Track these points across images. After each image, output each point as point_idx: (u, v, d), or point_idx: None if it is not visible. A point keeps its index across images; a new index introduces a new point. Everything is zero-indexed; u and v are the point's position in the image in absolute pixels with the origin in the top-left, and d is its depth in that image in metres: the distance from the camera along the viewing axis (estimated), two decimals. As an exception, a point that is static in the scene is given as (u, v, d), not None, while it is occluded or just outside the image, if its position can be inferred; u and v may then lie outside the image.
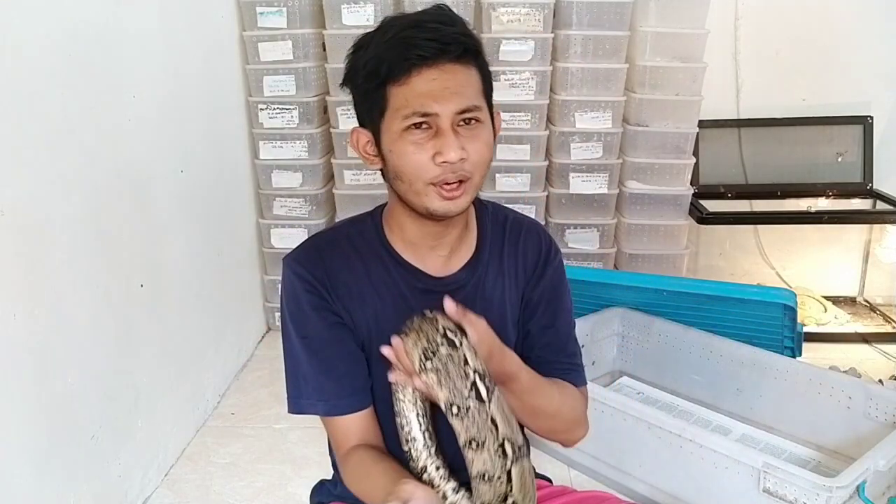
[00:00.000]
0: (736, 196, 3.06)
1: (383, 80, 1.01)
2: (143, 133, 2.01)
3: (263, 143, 2.81)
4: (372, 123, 1.06)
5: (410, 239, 1.12)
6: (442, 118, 1.00)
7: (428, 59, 0.99)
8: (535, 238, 1.19)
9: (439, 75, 1.00)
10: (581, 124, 2.78)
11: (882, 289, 3.18)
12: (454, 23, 1.02)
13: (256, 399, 2.53)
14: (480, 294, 1.14)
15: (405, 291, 1.12)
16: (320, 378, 1.10)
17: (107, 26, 1.85)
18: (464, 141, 1.01)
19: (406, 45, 0.99)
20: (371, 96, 1.03)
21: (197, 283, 2.36)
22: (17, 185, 1.51)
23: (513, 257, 1.17)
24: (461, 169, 1.01)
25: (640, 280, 2.47)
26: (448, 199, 1.03)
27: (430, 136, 1.01)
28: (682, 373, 2.34)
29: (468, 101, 1.01)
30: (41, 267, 1.58)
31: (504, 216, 1.20)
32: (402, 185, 1.04)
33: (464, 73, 1.02)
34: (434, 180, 1.01)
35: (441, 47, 0.99)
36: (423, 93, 0.99)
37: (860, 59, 3.04)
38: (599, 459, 2.04)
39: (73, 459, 1.70)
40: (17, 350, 1.51)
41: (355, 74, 1.05)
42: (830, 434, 2.06)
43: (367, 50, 1.03)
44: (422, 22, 1.01)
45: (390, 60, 1.00)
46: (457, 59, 1.01)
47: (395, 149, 1.03)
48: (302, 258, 1.12)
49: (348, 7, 2.69)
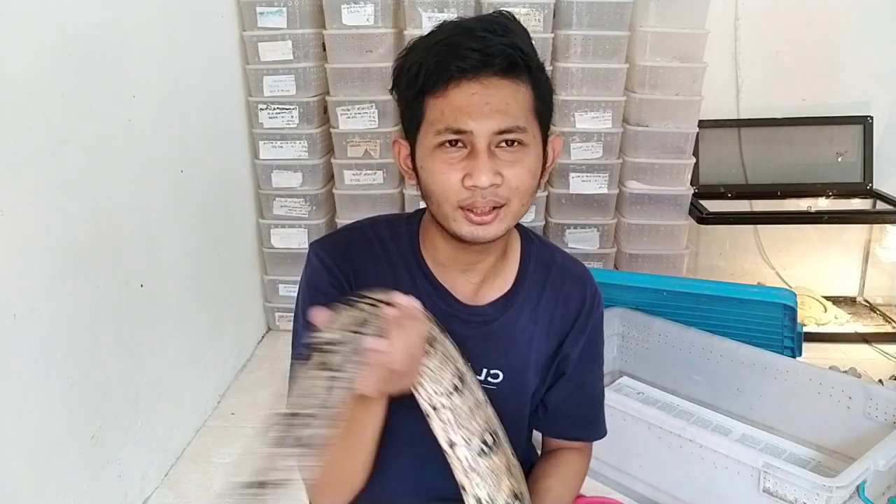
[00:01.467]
0: (736, 196, 3.06)
1: (421, 89, 0.94)
2: (143, 133, 2.01)
3: (263, 143, 2.81)
4: (410, 135, 0.99)
5: (442, 259, 1.06)
6: (477, 137, 0.92)
7: (468, 71, 0.91)
8: (580, 289, 1.11)
9: (480, 90, 0.92)
10: (581, 124, 2.78)
11: (882, 289, 3.18)
12: (506, 33, 0.93)
13: (256, 399, 2.52)
14: (507, 332, 1.08)
15: (429, 309, 1.01)
16: None
17: (107, 26, 1.85)
18: (501, 165, 0.93)
19: (448, 53, 0.92)
20: (410, 105, 0.97)
21: (197, 283, 2.36)
22: (17, 185, 1.51)
23: (552, 303, 1.09)
24: (493, 195, 0.93)
25: (640, 280, 2.47)
26: (477, 224, 0.95)
27: (464, 155, 0.93)
28: (682, 373, 2.34)
29: (510, 121, 0.93)
30: (41, 267, 1.58)
31: (551, 256, 1.12)
32: (433, 206, 0.98)
33: (510, 90, 0.93)
34: (462, 203, 0.94)
35: (484, 59, 0.91)
36: (460, 107, 0.92)
37: (860, 59, 3.04)
38: (599, 459, 2.04)
39: (73, 459, 1.70)
40: (17, 350, 1.51)
41: (399, 80, 0.99)
42: (830, 434, 2.06)
43: (413, 54, 0.97)
44: (471, 29, 0.93)
45: (430, 68, 0.93)
46: (503, 73, 0.92)
47: (426, 165, 0.96)
48: (330, 249, 1.07)
49: (348, 7, 2.69)
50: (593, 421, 1.18)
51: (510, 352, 1.08)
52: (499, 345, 1.07)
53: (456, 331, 1.01)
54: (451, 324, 1.02)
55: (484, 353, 1.07)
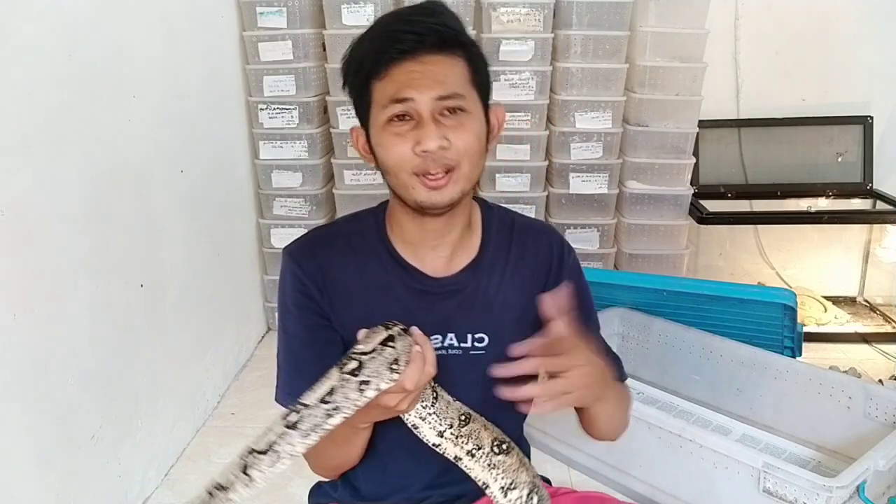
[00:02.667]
0: (736, 196, 3.06)
1: (367, 75, 1.02)
2: (143, 133, 2.01)
3: (263, 143, 2.81)
4: (364, 120, 1.06)
5: (410, 239, 1.11)
6: (420, 104, 0.99)
7: (406, 52, 0.99)
8: (545, 240, 1.18)
9: (418, 66, 0.99)
10: (581, 124, 2.78)
11: (882, 289, 3.18)
12: (435, 14, 1.02)
13: (256, 399, 2.52)
14: (482, 296, 1.13)
15: (401, 292, 1.11)
16: (292, 374, 1.13)
17: (107, 26, 1.85)
18: (446, 130, 1.00)
19: (386, 38, 1.00)
20: (360, 93, 1.04)
21: (197, 283, 2.36)
22: (17, 184, 1.51)
23: (520, 259, 1.15)
24: (444, 158, 1.00)
25: (640, 280, 2.47)
26: (433, 188, 1.01)
27: (412, 126, 1.00)
28: (682, 373, 2.34)
29: (448, 89, 1.00)
30: (41, 267, 1.58)
31: (511, 219, 1.19)
32: (391, 179, 1.05)
33: (446, 63, 1.01)
34: (416, 170, 1.01)
35: (418, 38, 0.99)
36: (402, 82, 0.99)
37: (860, 59, 3.04)
38: (599, 459, 2.04)
39: (73, 459, 1.70)
40: (17, 350, 1.51)
41: (347, 72, 1.06)
42: (830, 434, 2.06)
43: (355, 50, 1.05)
44: (404, 15, 1.02)
45: (372, 55, 1.01)
46: (437, 49, 1.00)
47: (379, 142, 1.03)
48: (297, 253, 1.13)
49: (348, 7, 2.69)
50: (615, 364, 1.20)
51: (489, 313, 1.12)
52: (476, 309, 1.12)
53: (432, 305, 1.09)
54: (425, 299, 1.10)
55: (465, 320, 1.12)
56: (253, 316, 2.93)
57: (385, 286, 1.11)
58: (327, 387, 0.91)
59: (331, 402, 0.90)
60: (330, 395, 0.90)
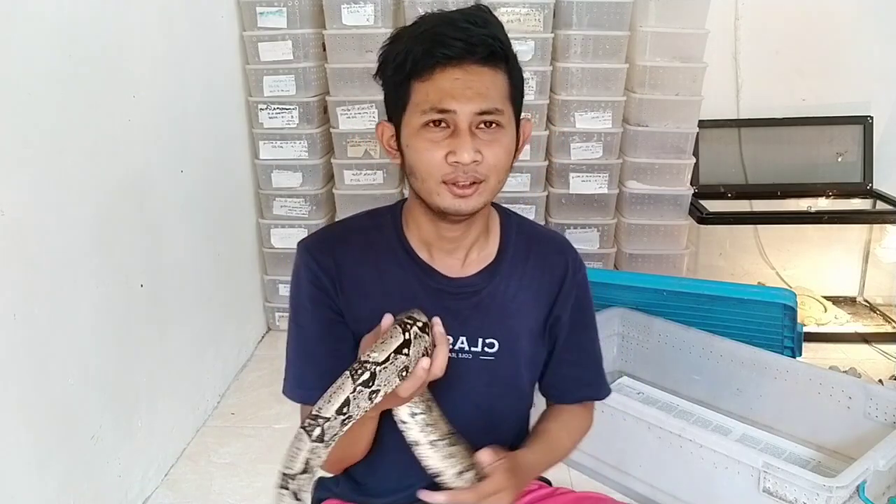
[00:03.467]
0: (736, 196, 3.06)
1: (408, 74, 1.01)
2: (143, 133, 2.01)
3: (263, 143, 2.81)
4: (396, 117, 1.06)
5: (427, 238, 1.12)
6: (460, 117, 0.99)
7: (453, 59, 0.99)
8: (562, 255, 1.18)
9: (463, 75, 0.99)
10: (581, 124, 2.78)
11: (882, 289, 3.18)
12: (486, 24, 1.01)
13: (256, 399, 2.53)
14: (498, 301, 1.13)
15: (416, 289, 1.11)
16: (303, 367, 1.13)
17: (107, 26, 1.85)
18: (481, 144, 1.00)
19: (434, 41, 0.99)
20: (396, 89, 1.04)
21: (197, 284, 2.36)
22: (17, 185, 1.51)
23: (538, 270, 1.16)
24: (474, 171, 1.01)
25: (640, 280, 2.47)
26: (459, 196, 1.02)
27: (447, 135, 1.00)
28: (682, 373, 2.34)
29: (490, 104, 1.01)
30: (41, 267, 1.58)
31: (531, 228, 1.20)
32: (416, 182, 1.05)
33: (489, 76, 1.01)
34: (445, 178, 1.01)
35: (467, 48, 0.99)
36: (444, 90, 0.99)
37: (860, 59, 3.04)
38: (599, 459, 2.04)
39: (73, 459, 1.70)
40: (17, 350, 1.51)
41: (385, 66, 1.05)
42: (830, 434, 2.06)
43: (398, 43, 1.04)
44: (454, 20, 1.01)
45: (416, 55, 1.00)
46: (483, 61, 1.00)
47: (411, 144, 1.03)
48: (313, 247, 1.13)
49: (348, 7, 2.69)
50: (595, 381, 1.23)
51: (503, 320, 1.12)
52: (490, 314, 1.12)
53: (447, 305, 1.09)
54: (440, 299, 1.10)
55: (477, 324, 1.12)
56: (253, 316, 2.93)
57: (401, 282, 1.11)
58: (342, 398, 0.91)
59: (346, 413, 0.92)
60: (346, 407, 0.91)
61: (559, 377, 1.20)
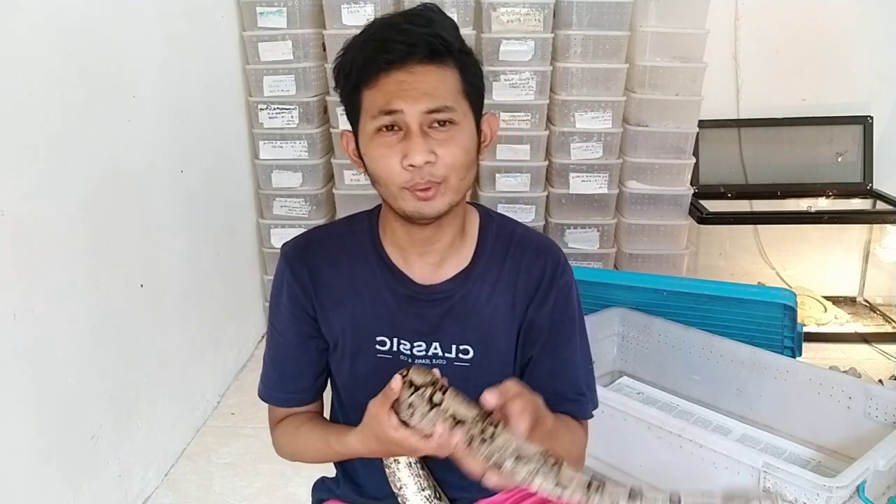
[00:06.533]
0: (736, 196, 3.06)
1: (356, 83, 1.01)
2: (143, 133, 2.01)
3: (263, 143, 2.81)
4: (353, 127, 1.06)
5: (400, 243, 1.10)
6: (409, 117, 0.98)
7: (395, 62, 0.97)
8: (542, 259, 1.12)
9: (408, 77, 0.98)
10: (581, 124, 2.78)
11: (882, 289, 3.18)
12: (429, 23, 1.00)
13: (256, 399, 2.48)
14: (470, 307, 1.10)
15: (387, 296, 1.10)
16: (269, 366, 1.18)
17: (107, 26, 1.85)
18: (434, 144, 0.98)
19: (376, 47, 0.98)
20: (349, 99, 1.04)
21: (197, 283, 2.36)
22: (17, 185, 1.51)
23: (513, 274, 1.11)
24: (430, 173, 0.99)
25: (640, 280, 2.46)
26: (422, 199, 1.00)
27: (400, 138, 0.99)
28: (682, 373, 2.33)
29: (438, 102, 0.98)
30: (41, 267, 1.58)
31: (512, 231, 1.15)
32: (381, 188, 1.04)
33: (436, 74, 0.99)
34: (405, 185, 1.00)
35: (408, 49, 0.97)
36: (391, 92, 0.98)
37: (860, 59, 3.04)
38: (599, 459, 2.04)
39: (73, 459, 1.70)
40: (18, 350, 1.51)
41: (338, 77, 1.05)
42: (830, 434, 2.06)
43: (348, 52, 1.03)
44: (395, 23, 1.00)
45: (362, 63, 0.99)
46: (428, 60, 0.98)
47: (368, 151, 1.02)
48: (291, 253, 1.14)
49: (348, 7, 2.69)
50: (577, 398, 1.15)
51: (476, 326, 1.10)
52: (463, 320, 1.11)
53: (418, 312, 1.10)
54: (412, 305, 1.10)
55: (450, 330, 1.11)
56: (253, 316, 2.93)
57: (373, 289, 1.11)
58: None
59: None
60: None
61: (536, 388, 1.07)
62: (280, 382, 1.17)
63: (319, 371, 1.16)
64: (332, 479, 1.26)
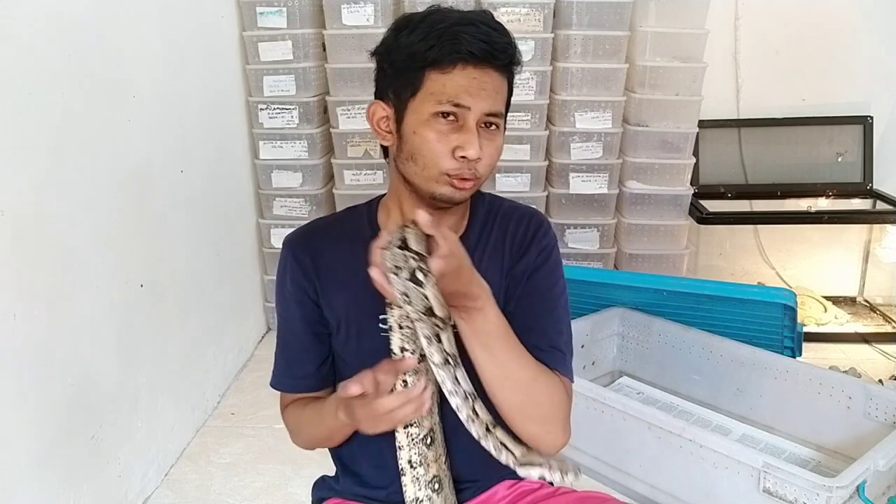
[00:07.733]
0: (736, 196, 3.07)
1: (424, 64, 1.03)
2: (143, 133, 2.01)
3: (263, 143, 2.82)
4: (398, 101, 1.07)
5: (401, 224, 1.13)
6: (471, 114, 1.04)
7: (476, 59, 1.03)
8: (525, 219, 1.19)
9: (480, 76, 1.04)
10: (581, 124, 2.78)
11: (882, 289, 3.18)
12: (505, 34, 1.06)
13: (256, 399, 2.53)
14: None
15: None
16: (278, 355, 1.22)
17: (107, 26, 1.85)
18: (482, 143, 1.05)
19: (460, 39, 1.02)
20: (406, 76, 1.05)
21: (197, 283, 2.36)
22: (17, 185, 1.51)
23: (500, 239, 1.18)
24: (474, 167, 1.05)
25: (640, 280, 2.47)
26: (458, 189, 1.06)
27: (455, 129, 1.04)
28: (682, 373, 2.34)
29: (497, 107, 1.06)
30: (41, 267, 1.58)
31: (500, 204, 1.22)
32: (415, 167, 1.07)
33: (500, 81, 1.06)
34: (450, 172, 1.05)
35: (491, 52, 1.03)
36: (461, 86, 1.03)
37: (860, 59, 3.04)
38: (599, 459, 2.04)
39: (73, 459, 1.70)
40: (17, 350, 1.51)
41: (395, 52, 1.06)
42: (830, 434, 2.06)
43: (413, 33, 1.05)
44: (474, 21, 1.05)
45: (440, 49, 1.02)
46: (502, 67, 1.06)
47: (419, 131, 1.05)
48: (293, 242, 1.19)
49: (348, 7, 2.70)
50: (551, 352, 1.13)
51: None
52: None
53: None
54: None
55: None
56: (253, 316, 2.93)
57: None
58: None
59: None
60: None
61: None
62: (287, 368, 1.20)
63: (325, 356, 1.19)
64: (332, 477, 1.26)
